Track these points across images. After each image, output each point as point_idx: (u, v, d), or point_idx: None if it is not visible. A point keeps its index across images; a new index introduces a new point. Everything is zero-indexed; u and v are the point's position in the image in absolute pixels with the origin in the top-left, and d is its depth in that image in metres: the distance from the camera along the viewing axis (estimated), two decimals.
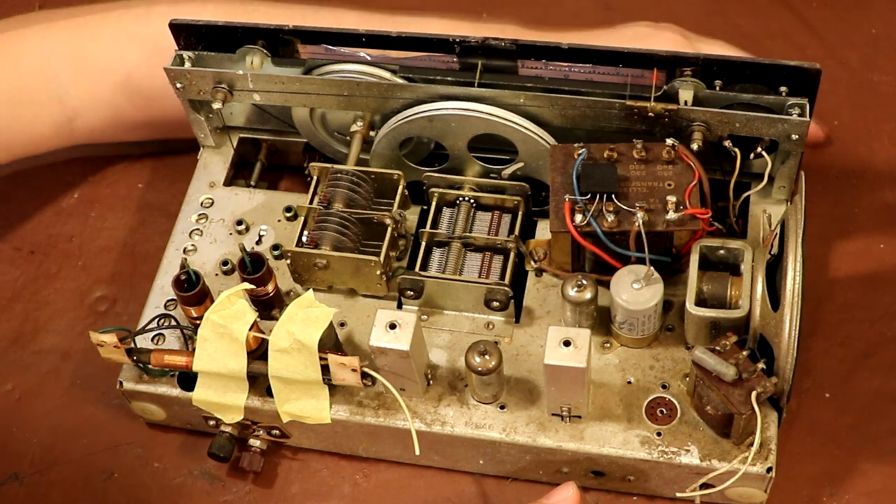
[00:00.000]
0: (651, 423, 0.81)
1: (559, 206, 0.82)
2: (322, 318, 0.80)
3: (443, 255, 0.87)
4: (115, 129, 1.00)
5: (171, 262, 0.92)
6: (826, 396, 0.89)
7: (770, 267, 0.80)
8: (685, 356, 0.83)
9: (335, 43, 0.90)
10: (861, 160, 1.01)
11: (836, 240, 0.96)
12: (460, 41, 0.87)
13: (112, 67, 0.97)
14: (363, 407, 0.84)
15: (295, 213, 0.93)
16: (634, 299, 0.80)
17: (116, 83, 0.97)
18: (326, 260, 0.86)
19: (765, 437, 0.79)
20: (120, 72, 0.96)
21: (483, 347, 0.79)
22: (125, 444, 0.91)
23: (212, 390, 0.83)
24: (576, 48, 0.87)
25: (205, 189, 0.96)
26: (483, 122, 0.87)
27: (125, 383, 0.86)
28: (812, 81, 0.84)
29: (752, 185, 0.88)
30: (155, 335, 0.88)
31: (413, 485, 0.88)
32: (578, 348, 0.76)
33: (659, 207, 0.81)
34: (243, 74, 0.89)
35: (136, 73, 0.96)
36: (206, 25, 0.90)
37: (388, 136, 0.90)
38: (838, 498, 0.85)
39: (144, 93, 0.97)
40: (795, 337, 0.75)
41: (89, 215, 1.03)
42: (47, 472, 0.90)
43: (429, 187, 0.89)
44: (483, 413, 0.83)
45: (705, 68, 0.85)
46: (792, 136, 0.83)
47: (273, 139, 0.99)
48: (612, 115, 0.85)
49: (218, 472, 0.89)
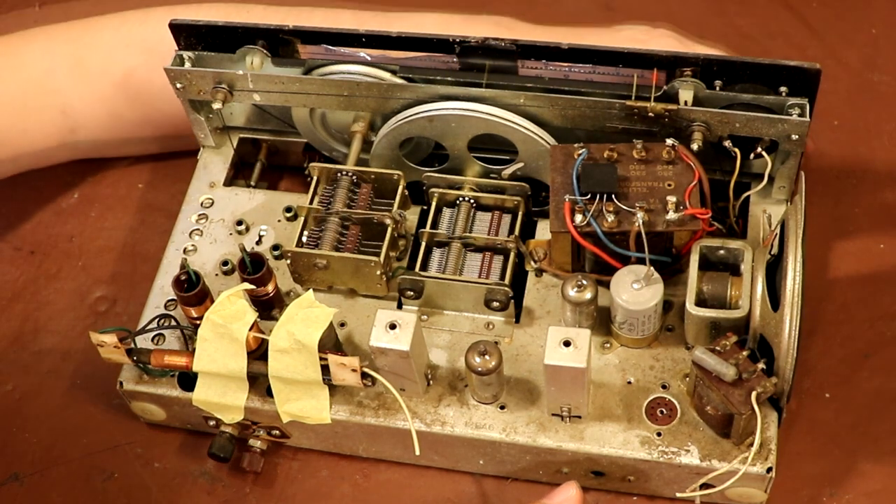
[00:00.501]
0: (651, 423, 0.81)
1: (559, 206, 0.82)
2: (322, 318, 0.80)
3: (443, 256, 0.87)
4: (117, 138, 1.00)
5: (171, 262, 0.92)
6: (826, 396, 0.89)
7: (770, 267, 0.80)
8: (685, 356, 0.83)
9: (335, 43, 0.90)
10: (861, 160, 1.01)
11: (836, 240, 0.96)
12: (460, 41, 0.87)
13: (112, 75, 0.97)
14: (363, 407, 0.84)
15: (295, 213, 0.93)
16: (634, 299, 0.80)
17: (117, 89, 0.97)
18: (326, 260, 0.86)
19: (765, 437, 0.79)
20: (120, 77, 0.97)
21: (483, 347, 0.79)
22: (125, 444, 0.91)
23: (212, 390, 0.83)
24: (576, 48, 0.87)
25: (205, 189, 0.96)
26: (483, 122, 0.87)
27: (125, 383, 0.86)
28: (812, 81, 0.84)
29: (752, 185, 0.88)
30: (155, 335, 0.88)
31: (413, 485, 0.88)
32: (578, 348, 0.76)
33: (659, 207, 0.81)
34: (243, 74, 0.89)
35: (134, 78, 0.96)
36: (206, 25, 0.90)
37: (388, 136, 0.90)
38: (838, 498, 0.85)
39: (144, 98, 0.97)
40: (795, 337, 0.75)
41: (89, 215, 1.03)
42: (47, 472, 0.90)
43: (429, 187, 0.89)
44: (483, 413, 0.83)
45: (705, 68, 0.85)
46: (792, 136, 0.83)
47: (273, 139, 0.99)
48: (612, 116, 0.85)
49: (218, 472, 0.89)
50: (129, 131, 1.00)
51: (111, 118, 0.98)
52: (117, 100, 0.97)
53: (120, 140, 1.01)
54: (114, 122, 0.99)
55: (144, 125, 1.00)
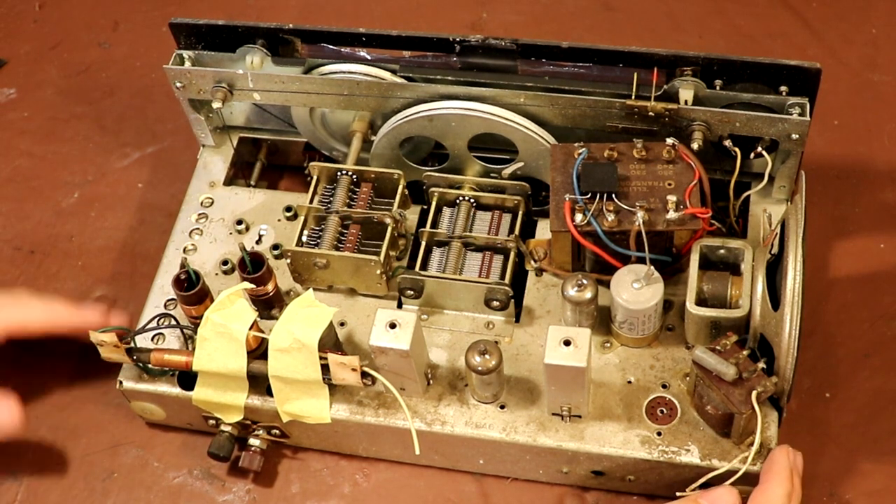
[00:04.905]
0: (651, 422, 0.81)
1: (559, 205, 0.82)
2: (322, 317, 0.80)
3: (443, 255, 0.87)
4: None
5: (171, 261, 0.92)
6: (826, 396, 0.89)
7: (770, 267, 0.80)
8: (685, 356, 0.83)
9: (335, 42, 0.90)
10: (861, 160, 1.01)
11: (836, 240, 0.96)
12: (460, 41, 0.87)
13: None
14: (363, 406, 0.84)
15: (295, 213, 0.93)
16: (635, 299, 0.80)
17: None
18: (326, 259, 0.86)
19: (765, 437, 0.79)
20: None
21: (483, 347, 0.79)
22: (125, 444, 0.91)
23: (212, 390, 0.83)
24: (576, 48, 0.87)
25: (205, 189, 0.96)
26: (483, 121, 0.87)
27: (125, 383, 0.86)
28: (812, 81, 0.84)
29: (752, 185, 0.88)
30: (155, 335, 0.88)
31: (413, 484, 0.88)
32: (578, 348, 0.76)
33: (659, 207, 0.81)
34: (243, 74, 0.89)
35: None
36: (206, 25, 0.90)
37: (389, 135, 0.90)
38: (838, 498, 0.85)
39: None
40: (796, 337, 0.75)
41: (89, 215, 1.03)
42: (47, 472, 0.90)
43: (429, 187, 0.89)
44: (483, 413, 0.83)
45: (706, 68, 0.85)
46: (792, 136, 0.83)
47: (273, 139, 0.99)
48: (612, 115, 0.85)
49: (218, 471, 0.89)
50: None
51: None
52: None
53: None
54: None
55: None
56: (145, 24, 1.16)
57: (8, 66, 1.14)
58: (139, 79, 1.11)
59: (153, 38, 1.13)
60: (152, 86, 1.10)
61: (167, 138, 1.07)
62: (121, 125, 1.09)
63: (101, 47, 1.14)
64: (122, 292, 0.98)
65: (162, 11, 1.16)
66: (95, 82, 1.12)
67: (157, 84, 1.10)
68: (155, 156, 1.06)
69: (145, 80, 1.11)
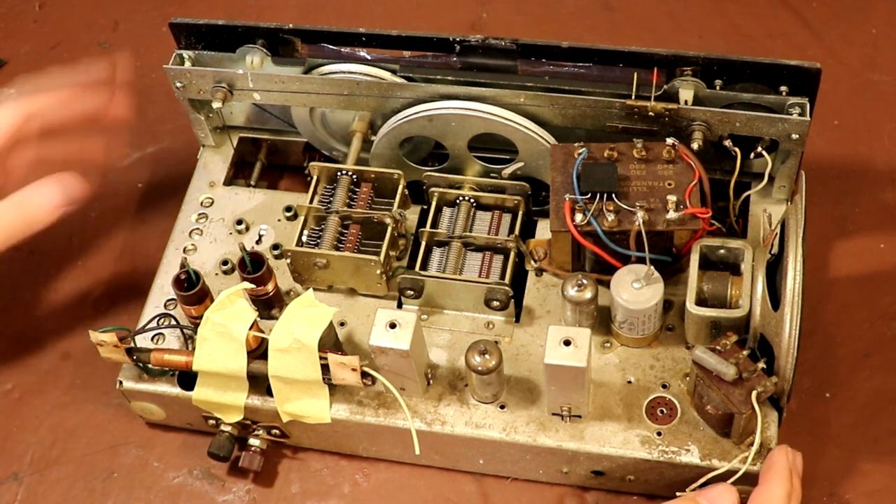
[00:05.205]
0: (651, 422, 0.81)
1: (559, 205, 0.82)
2: (322, 317, 0.80)
3: (443, 255, 0.87)
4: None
5: (170, 261, 0.92)
6: (826, 396, 0.89)
7: (770, 267, 0.80)
8: (685, 356, 0.83)
9: (335, 42, 0.90)
10: (861, 160, 1.01)
11: (836, 240, 0.96)
12: (460, 41, 0.87)
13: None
14: (363, 406, 0.84)
15: (295, 213, 0.93)
16: (635, 299, 0.80)
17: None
18: (326, 259, 0.86)
19: (765, 437, 0.79)
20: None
21: (483, 347, 0.79)
22: (125, 444, 0.91)
23: (212, 390, 0.83)
24: (576, 48, 0.87)
25: (205, 188, 0.96)
26: (483, 121, 0.87)
27: (125, 383, 0.86)
28: (812, 81, 0.84)
29: (752, 185, 0.88)
30: (155, 335, 0.88)
31: (413, 484, 0.88)
32: (578, 348, 0.76)
33: (659, 207, 0.81)
34: (243, 74, 0.89)
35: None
36: (206, 25, 0.90)
37: (389, 135, 0.90)
38: (838, 498, 0.85)
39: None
40: (796, 336, 0.75)
41: (89, 215, 1.03)
42: (47, 472, 0.90)
43: (429, 187, 0.89)
44: (483, 413, 0.83)
45: (706, 68, 0.85)
46: (792, 136, 0.83)
47: (273, 139, 0.99)
48: (612, 115, 0.85)
49: (218, 471, 0.89)
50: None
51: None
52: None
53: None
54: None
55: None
56: (145, 24, 1.16)
57: (8, 66, 1.14)
58: (139, 79, 1.11)
59: (153, 38, 1.13)
60: (152, 86, 1.10)
61: (167, 138, 1.07)
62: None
63: (101, 47, 1.14)
64: (122, 292, 0.98)
65: (162, 11, 1.16)
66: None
67: (157, 84, 1.10)
68: (155, 156, 1.06)
69: (145, 80, 1.11)
